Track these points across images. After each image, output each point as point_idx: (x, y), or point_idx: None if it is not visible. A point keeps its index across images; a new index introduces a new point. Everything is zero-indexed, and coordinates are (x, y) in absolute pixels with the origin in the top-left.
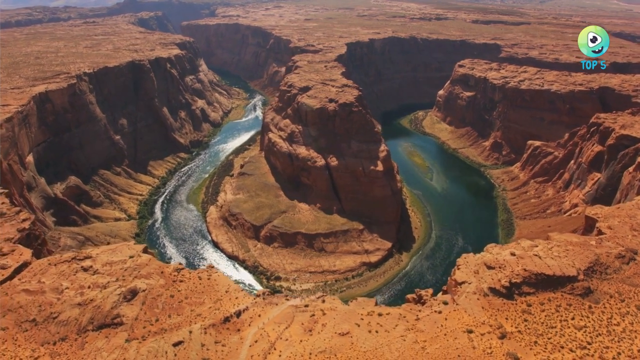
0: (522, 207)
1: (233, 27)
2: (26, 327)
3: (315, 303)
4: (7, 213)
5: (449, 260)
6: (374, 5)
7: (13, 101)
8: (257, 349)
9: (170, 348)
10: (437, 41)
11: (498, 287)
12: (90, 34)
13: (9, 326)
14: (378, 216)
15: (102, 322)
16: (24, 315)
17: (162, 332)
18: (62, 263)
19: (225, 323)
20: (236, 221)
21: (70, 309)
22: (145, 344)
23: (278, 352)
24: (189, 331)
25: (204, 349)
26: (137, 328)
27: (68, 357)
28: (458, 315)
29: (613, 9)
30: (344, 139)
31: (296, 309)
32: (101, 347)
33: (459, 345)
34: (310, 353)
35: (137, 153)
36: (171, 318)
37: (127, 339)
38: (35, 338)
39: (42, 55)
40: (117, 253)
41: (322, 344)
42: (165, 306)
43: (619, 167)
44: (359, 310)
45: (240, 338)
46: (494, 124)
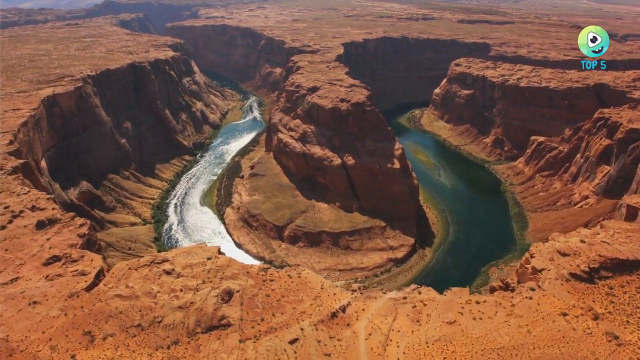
0: (531, 201)
1: (220, 28)
2: (133, 332)
3: (412, 295)
4: (61, 219)
5: (471, 254)
6: (357, 5)
7: (23, 105)
8: (374, 341)
9: (287, 346)
10: (428, 41)
11: (578, 272)
12: (76, 36)
13: (115, 332)
14: (397, 213)
15: (209, 324)
16: (126, 320)
17: (273, 331)
18: (142, 267)
19: (333, 319)
20: (257, 222)
21: (173, 313)
22: (261, 343)
23: (395, 343)
24: (300, 328)
25: (321, 345)
26: (246, 328)
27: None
28: (548, 300)
29: (584, 8)
30: (358, 138)
31: (395, 301)
32: (217, 348)
33: (560, 327)
34: (426, 342)
35: (143, 156)
36: (275, 317)
37: (241, 340)
38: (147, 343)
39: (35, 58)
40: (193, 255)
41: (433, 333)
42: (265, 305)
43: (630, 160)
44: (456, 299)
45: (353, 332)
46: (494, 120)
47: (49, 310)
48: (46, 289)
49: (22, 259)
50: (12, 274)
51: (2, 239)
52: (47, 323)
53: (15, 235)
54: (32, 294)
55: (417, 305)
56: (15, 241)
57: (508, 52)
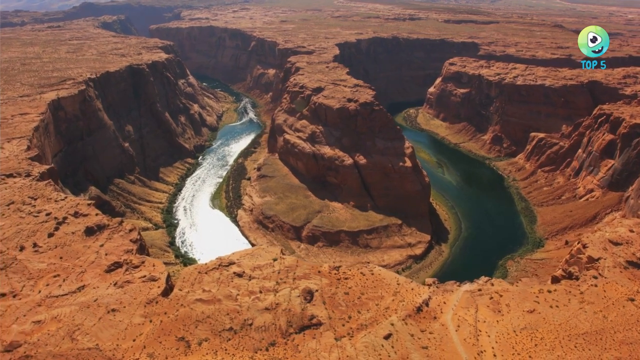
0: (536, 195)
1: (207, 30)
2: (227, 336)
3: (486, 286)
4: (109, 224)
5: (486, 249)
6: (341, 6)
7: (29, 109)
8: (464, 332)
9: (383, 341)
10: (417, 40)
11: (635, 260)
12: (61, 38)
13: (208, 337)
14: (411, 210)
15: (301, 324)
16: (216, 324)
17: (364, 328)
18: (211, 271)
19: (419, 313)
20: (273, 223)
21: (261, 315)
22: (356, 340)
23: (485, 333)
24: (390, 324)
25: (414, 338)
26: (337, 326)
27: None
28: (612, 287)
29: (559, 8)
30: (368, 138)
31: (472, 293)
32: (315, 347)
33: (632, 312)
34: (514, 331)
35: (146, 160)
36: (361, 314)
37: (336, 338)
38: (243, 346)
39: (27, 61)
40: (258, 257)
41: (518, 321)
42: (347, 303)
43: (635, 153)
44: (528, 289)
45: (441, 325)
46: (491, 118)
47: (130, 317)
48: (119, 296)
49: (81, 267)
50: (76, 282)
51: (52, 247)
52: (133, 330)
53: (65, 243)
54: (106, 301)
55: (493, 297)
56: (67, 248)
57: (497, 51)
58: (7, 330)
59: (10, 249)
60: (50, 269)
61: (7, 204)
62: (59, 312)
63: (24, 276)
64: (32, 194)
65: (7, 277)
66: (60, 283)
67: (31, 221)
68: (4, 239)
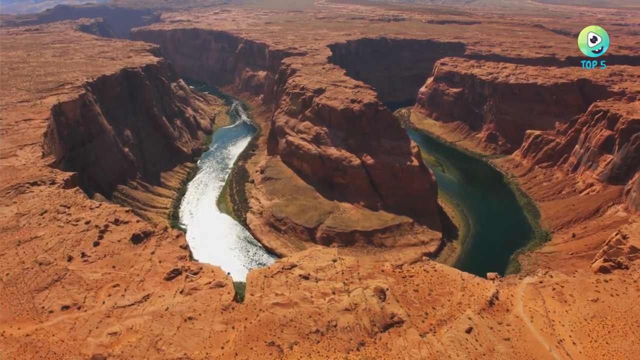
0: (537, 191)
1: (191, 32)
2: (315, 338)
3: (546, 278)
4: (154, 231)
5: (495, 244)
6: (322, 7)
7: (32, 115)
8: (539, 323)
9: (466, 335)
10: (405, 41)
11: None
12: (42, 42)
13: (297, 340)
14: (420, 209)
15: (384, 323)
16: (302, 327)
17: (444, 323)
18: (276, 274)
19: (491, 306)
20: (285, 225)
21: (343, 316)
22: (440, 335)
23: (559, 323)
24: (468, 318)
25: (494, 331)
26: (417, 323)
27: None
28: None
29: (532, 8)
30: (374, 138)
31: (535, 285)
32: (404, 345)
33: None
34: (585, 319)
35: (147, 165)
36: (437, 310)
37: (421, 334)
38: (334, 347)
39: (15, 65)
40: (316, 259)
41: (586, 310)
42: (420, 300)
43: (633, 148)
44: (585, 279)
45: (515, 316)
46: (485, 117)
47: (210, 325)
48: (190, 304)
49: (138, 275)
50: (139, 291)
51: (102, 256)
52: (218, 338)
53: (114, 251)
54: (179, 310)
55: (555, 288)
56: (117, 257)
57: (483, 51)
58: (85, 344)
59: (58, 260)
60: (106, 278)
61: (41, 213)
62: (133, 323)
63: (82, 287)
64: (63, 202)
65: (64, 289)
66: (123, 293)
67: (72, 230)
68: (48, 250)
